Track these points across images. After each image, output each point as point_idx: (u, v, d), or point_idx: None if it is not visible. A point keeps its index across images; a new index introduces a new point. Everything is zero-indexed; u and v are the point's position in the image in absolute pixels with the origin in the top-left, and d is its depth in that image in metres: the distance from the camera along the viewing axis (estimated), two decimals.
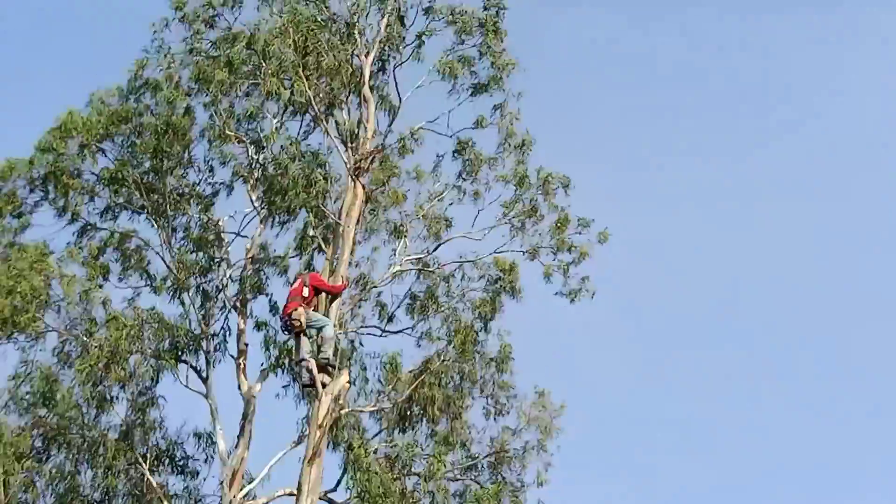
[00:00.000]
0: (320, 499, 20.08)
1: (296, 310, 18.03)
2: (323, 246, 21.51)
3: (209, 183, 24.46)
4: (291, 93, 21.83)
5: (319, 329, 18.18)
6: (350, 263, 20.43)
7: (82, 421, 22.31)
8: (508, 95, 23.32)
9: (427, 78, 22.95)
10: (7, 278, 22.12)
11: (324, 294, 18.89)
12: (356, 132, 21.65)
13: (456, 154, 23.39)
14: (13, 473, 21.15)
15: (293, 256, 23.81)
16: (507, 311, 23.43)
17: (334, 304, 19.06)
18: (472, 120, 23.28)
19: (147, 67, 24.20)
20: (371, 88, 22.28)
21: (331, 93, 22.08)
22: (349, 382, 19.35)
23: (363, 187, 20.56)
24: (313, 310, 18.38)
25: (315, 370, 18.04)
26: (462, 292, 23.57)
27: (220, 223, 24.19)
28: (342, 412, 19.82)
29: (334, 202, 21.88)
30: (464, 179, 23.78)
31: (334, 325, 18.66)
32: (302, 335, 18.15)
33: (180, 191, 24.07)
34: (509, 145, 23.33)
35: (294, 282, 19.03)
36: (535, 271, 23.58)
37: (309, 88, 21.24)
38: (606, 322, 41.15)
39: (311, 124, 23.36)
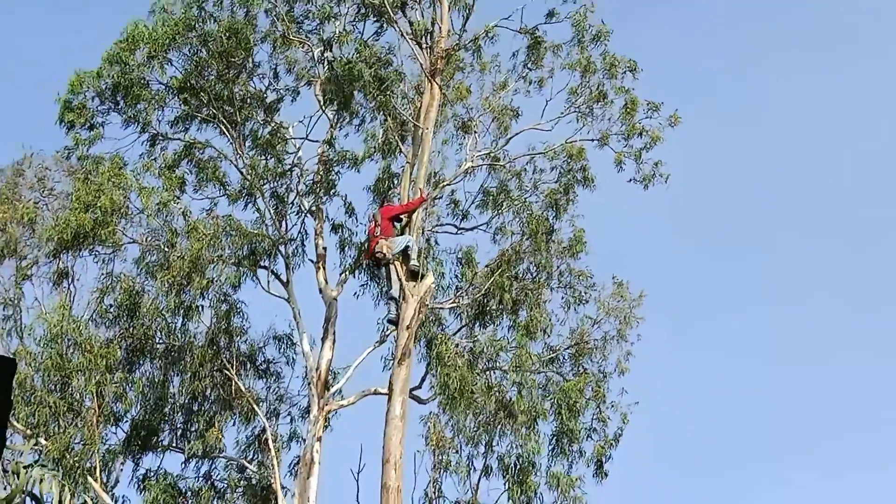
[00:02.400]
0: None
1: (378, 244, 18.39)
2: (402, 147, 21.52)
3: (274, 89, 24.50)
4: None
5: (405, 248, 18.48)
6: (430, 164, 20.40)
7: (168, 330, 22.71)
8: None
9: None
10: (86, 192, 22.41)
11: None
12: (430, 31, 21.44)
13: (529, 50, 23.11)
14: (105, 384, 21.61)
15: (368, 158, 23.83)
16: (580, 201, 23.33)
17: (415, 215, 19.17)
18: (545, 13, 22.92)
19: None
20: None
21: None
22: (433, 283, 19.50)
23: (440, 88, 20.41)
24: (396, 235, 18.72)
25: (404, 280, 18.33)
26: (534, 184, 23.48)
27: (290, 128, 24.22)
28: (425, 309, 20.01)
29: (409, 103, 21.82)
30: (529, 69, 23.54)
31: (416, 236, 18.83)
32: (390, 266, 18.47)
33: (248, 98, 24.09)
34: (584, 37, 22.98)
35: (369, 222, 19.33)
36: (607, 160, 23.38)
37: None
38: (681, 207, 40.84)
39: (383, 25, 23.19)
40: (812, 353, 45.67)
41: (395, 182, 22.84)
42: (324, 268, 23.20)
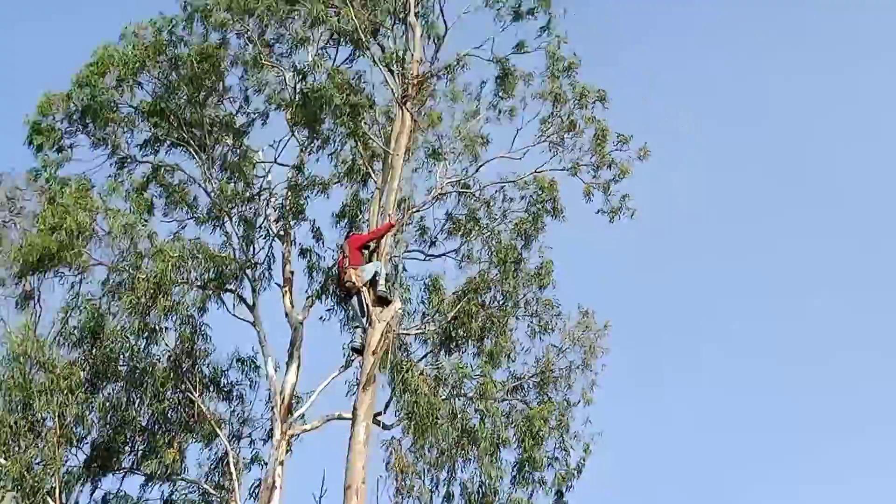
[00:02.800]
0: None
1: (347, 274, 18.51)
2: (372, 173, 21.59)
3: (244, 112, 24.57)
4: (338, 19, 21.71)
5: (374, 275, 18.56)
6: (400, 190, 20.46)
7: (132, 352, 22.60)
8: (552, 17, 23.18)
9: (472, 3, 22.81)
10: (52, 214, 22.35)
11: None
12: (402, 59, 21.55)
13: (499, 80, 23.26)
14: (67, 405, 21.47)
15: (335, 183, 23.91)
16: (549, 231, 23.45)
17: (384, 241, 19.23)
18: (515, 44, 23.20)
19: None
20: (416, 15, 22.17)
21: (375, 20, 21.96)
22: (400, 309, 19.54)
23: (411, 115, 20.50)
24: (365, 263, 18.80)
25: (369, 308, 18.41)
26: (503, 213, 23.60)
27: (259, 152, 24.29)
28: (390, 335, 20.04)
29: (378, 127, 21.92)
30: (501, 98, 23.69)
31: (384, 261, 18.90)
32: (356, 296, 18.56)
33: (217, 122, 24.15)
34: (556, 68, 23.15)
35: (338, 253, 19.42)
36: (576, 191, 23.51)
37: (354, 16, 21.12)
38: (648, 240, 41.10)
39: (354, 52, 23.31)
40: (787, 382, 45.82)
41: (364, 208, 22.92)
42: (290, 292, 23.20)
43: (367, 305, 18.60)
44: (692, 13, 51.43)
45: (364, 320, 18.68)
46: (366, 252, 19.24)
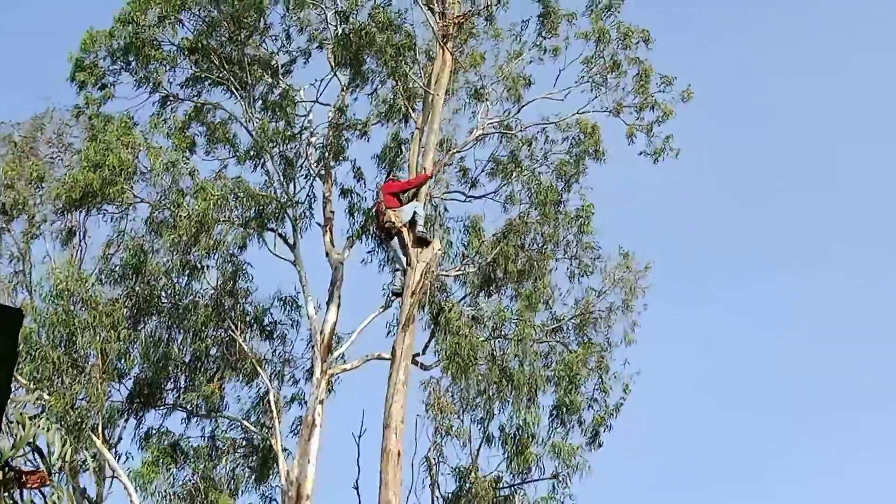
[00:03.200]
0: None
1: (386, 216, 18.44)
2: (412, 113, 21.51)
3: (286, 51, 24.49)
4: None
5: (413, 215, 18.49)
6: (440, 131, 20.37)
7: (173, 290, 22.74)
8: None
9: None
10: (95, 151, 22.41)
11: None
12: None
13: (541, 18, 23.10)
14: (109, 342, 21.64)
15: (375, 123, 23.85)
16: (590, 173, 23.39)
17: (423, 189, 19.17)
18: None
19: None
20: None
21: None
22: (441, 250, 19.50)
23: (451, 55, 20.37)
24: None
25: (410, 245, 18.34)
26: (544, 155, 23.51)
27: (300, 91, 24.20)
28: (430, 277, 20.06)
29: (420, 69, 21.80)
30: (543, 38, 23.52)
31: (424, 202, 18.86)
32: (396, 237, 18.50)
33: (259, 60, 24.08)
34: (596, 5, 22.99)
35: (376, 196, 19.35)
36: (619, 132, 23.42)
37: None
38: (690, 183, 40.72)
39: None
40: (825, 325, 45.43)
41: (405, 147, 22.82)
42: (331, 232, 23.21)
43: (407, 246, 18.56)
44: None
45: (404, 261, 18.64)
46: (403, 196, 19.14)
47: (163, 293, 22.66)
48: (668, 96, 23.25)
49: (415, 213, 18.69)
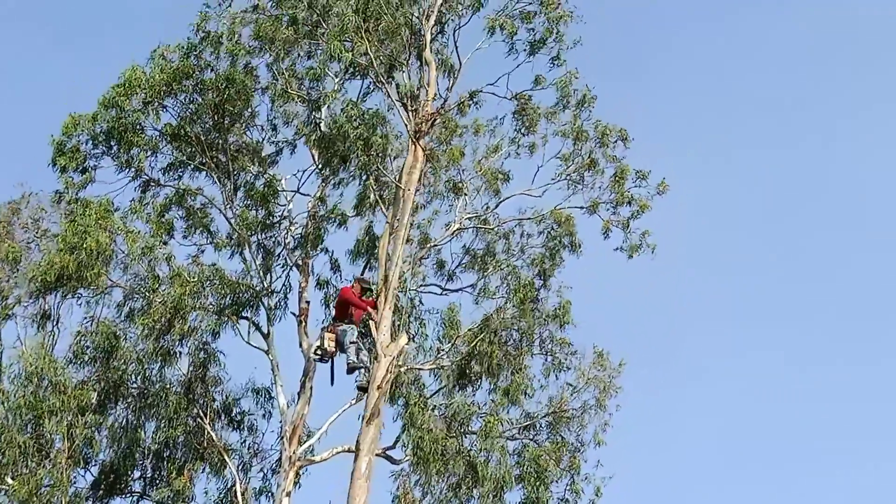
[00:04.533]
0: (379, 455, 20.35)
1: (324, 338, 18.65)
2: (383, 208, 21.58)
3: (272, 142, 24.65)
4: (352, 54, 21.76)
5: (345, 340, 18.67)
6: (411, 225, 20.44)
7: (144, 375, 22.60)
8: (563, 45, 23.15)
9: (487, 39, 22.86)
10: (72, 234, 22.40)
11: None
12: (416, 94, 21.59)
13: (516, 116, 23.29)
14: (76, 426, 21.46)
15: (353, 216, 23.93)
16: (567, 266, 23.47)
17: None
18: (531, 80, 23.20)
19: (210, 21, 24.29)
20: (431, 51, 22.19)
21: (391, 55, 21.99)
22: (409, 342, 19.49)
23: (423, 150, 20.50)
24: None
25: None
26: (521, 248, 23.59)
27: (282, 181, 24.29)
28: (401, 370, 20.04)
29: (393, 161, 21.91)
30: (522, 134, 23.72)
31: (354, 330, 19.05)
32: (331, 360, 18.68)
33: (242, 148, 24.21)
34: (569, 102, 23.18)
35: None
36: (595, 227, 23.60)
37: (369, 51, 21.18)
38: (667, 276, 40.87)
39: (371, 86, 23.36)
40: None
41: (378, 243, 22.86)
42: (305, 322, 23.10)
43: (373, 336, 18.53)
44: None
45: (365, 357, 18.66)
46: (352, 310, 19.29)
47: (133, 378, 22.50)
48: (643, 191, 23.46)
49: (346, 341, 18.80)
